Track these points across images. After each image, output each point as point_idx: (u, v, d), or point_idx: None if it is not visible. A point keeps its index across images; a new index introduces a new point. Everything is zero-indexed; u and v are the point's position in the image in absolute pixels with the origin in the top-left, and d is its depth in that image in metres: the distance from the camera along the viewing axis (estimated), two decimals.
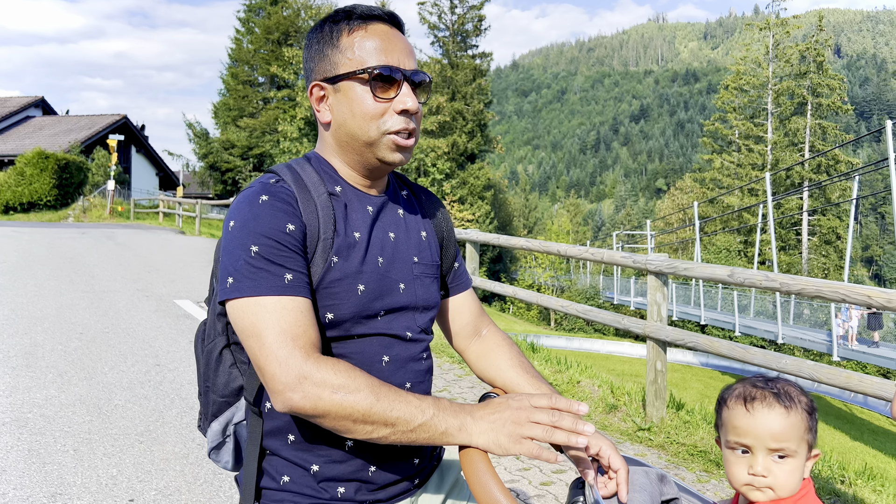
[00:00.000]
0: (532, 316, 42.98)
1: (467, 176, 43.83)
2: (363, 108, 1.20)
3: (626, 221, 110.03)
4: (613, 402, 5.29)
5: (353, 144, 1.23)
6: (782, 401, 1.16)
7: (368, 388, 1.05)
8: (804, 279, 3.89)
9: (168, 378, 5.42)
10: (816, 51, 49.14)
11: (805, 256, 46.58)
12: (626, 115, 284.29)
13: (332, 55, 1.23)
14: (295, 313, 1.10)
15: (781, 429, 1.15)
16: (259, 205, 1.15)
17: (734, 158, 51.01)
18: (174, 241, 17.78)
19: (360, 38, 1.21)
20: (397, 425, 1.05)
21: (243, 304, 1.10)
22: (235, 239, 1.13)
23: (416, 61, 1.27)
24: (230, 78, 45.48)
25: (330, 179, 1.25)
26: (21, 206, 30.11)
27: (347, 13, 1.23)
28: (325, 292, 1.17)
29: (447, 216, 1.47)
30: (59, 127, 38.57)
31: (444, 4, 46.44)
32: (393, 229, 1.30)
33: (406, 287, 1.27)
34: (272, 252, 1.12)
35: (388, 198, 1.33)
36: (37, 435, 4.10)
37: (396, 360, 1.24)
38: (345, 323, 1.19)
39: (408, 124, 1.21)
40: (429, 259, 1.35)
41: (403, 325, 1.26)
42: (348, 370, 1.07)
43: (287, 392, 1.04)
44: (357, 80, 1.20)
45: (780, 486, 1.16)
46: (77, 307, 8.09)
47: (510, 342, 1.46)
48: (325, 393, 1.04)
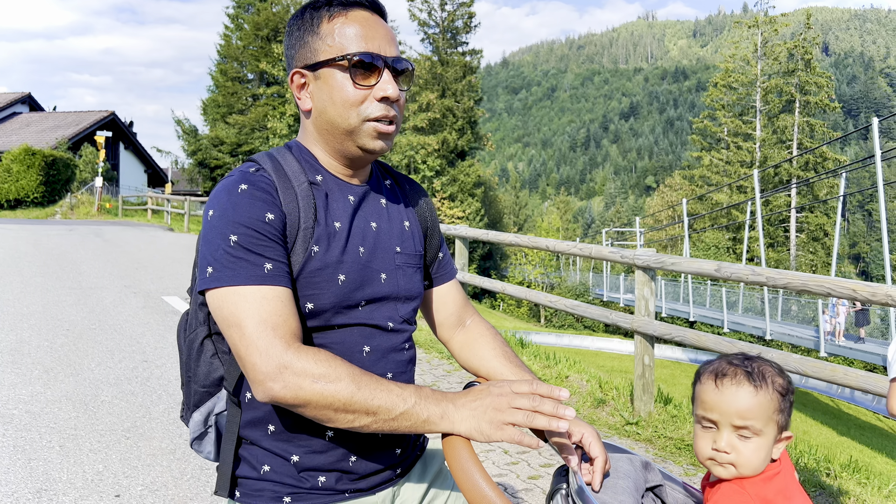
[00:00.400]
0: (522, 313, 43.08)
1: (457, 173, 43.83)
2: (343, 95, 1.19)
3: (615, 219, 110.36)
4: (601, 397, 5.31)
5: (334, 132, 1.22)
6: (753, 379, 1.17)
7: (349, 377, 1.05)
8: (790, 273, 3.92)
9: (155, 374, 5.39)
10: (804, 49, 49.42)
11: (793, 253, 46.89)
12: (616, 112, 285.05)
13: (312, 42, 1.22)
14: (275, 303, 1.09)
15: (748, 407, 1.15)
16: (238, 194, 1.14)
17: (723, 156, 51.25)
18: (162, 237, 17.69)
19: (341, 24, 1.20)
20: (379, 414, 1.05)
21: (223, 294, 1.10)
22: (214, 228, 1.13)
23: (398, 48, 1.26)
24: (219, 74, 45.21)
25: (311, 168, 1.24)
26: (8, 203, 29.86)
27: (328, 0, 1.23)
28: (305, 282, 1.16)
29: (431, 206, 1.46)
30: (46, 123, 38.27)
31: (434, 2, 46.39)
32: (375, 219, 1.29)
33: (388, 277, 1.27)
34: (251, 241, 1.11)
35: (371, 187, 1.31)
36: (22, 431, 4.07)
37: (377, 351, 1.24)
38: (325, 313, 1.18)
39: (388, 111, 1.20)
40: (411, 249, 1.34)
41: (385, 315, 1.26)
42: (329, 359, 1.07)
43: (268, 382, 1.04)
44: (337, 66, 1.19)
45: (742, 464, 1.16)
46: (64, 304, 8.04)
47: (494, 332, 1.46)
48: (305, 382, 1.03)
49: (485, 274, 48.82)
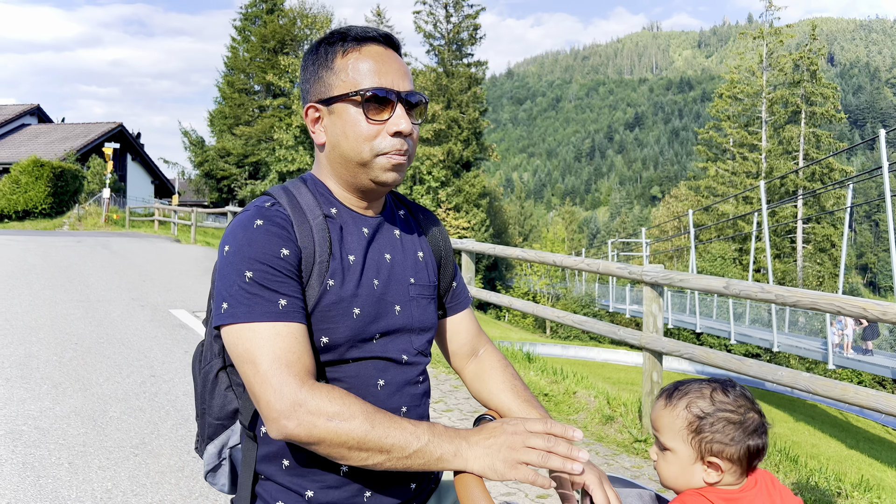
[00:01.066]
0: (527, 324, 42.97)
1: (463, 184, 43.92)
2: (357, 130, 1.20)
3: (621, 229, 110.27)
4: (609, 413, 5.29)
5: (347, 165, 1.23)
6: (669, 397, 1.28)
7: (363, 415, 1.06)
8: (800, 291, 3.91)
9: (163, 389, 5.40)
10: (810, 59, 49.43)
11: (800, 264, 46.72)
12: (621, 122, 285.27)
13: (326, 77, 1.23)
14: (289, 339, 1.10)
15: (657, 419, 1.28)
16: (253, 229, 1.15)
17: (728, 166, 51.21)
18: (169, 249, 17.74)
19: (354, 59, 1.21)
20: (392, 452, 1.05)
21: (238, 330, 1.10)
22: (230, 264, 1.13)
23: (412, 82, 1.27)
24: (226, 86, 45.55)
25: (325, 201, 1.25)
26: (16, 214, 30.01)
27: (342, 35, 1.24)
28: (320, 316, 1.17)
29: (445, 235, 1.46)
30: (54, 135, 38.51)
31: (440, 13, 46.66)
32: (389, 250, 1.29)
33: (402, 309, 1.27)
34: (266, 277, 1.12)
35: (385, 218, 1.32)
36: (31, 447, 4.08)
37: (392, 384, 1.24)
38: (340, 347, 1.19)
39: (401, 146, 1.21)
40: (425, 280, 1.34)
41: (399, 347, 1.26)
42: (343, 397, 1.07)
43: (282, 420, 1.05)
44: (350, 101, 1.20)
45: (661, 475, 1.28)
46: (72, 317, 8.06)
47: (505, 364, 1.46)
48: (319, 421, 1.04)
49: (490, 284, 48.80)
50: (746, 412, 1.23)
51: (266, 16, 44.78)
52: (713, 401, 1.24)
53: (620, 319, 40.07)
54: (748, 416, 1.22)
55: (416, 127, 1.25)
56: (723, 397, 1.24)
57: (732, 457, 1.21)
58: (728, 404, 1.23)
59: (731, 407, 1.23)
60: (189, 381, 5.64)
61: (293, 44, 43.42)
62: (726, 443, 1.21)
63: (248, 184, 42.86)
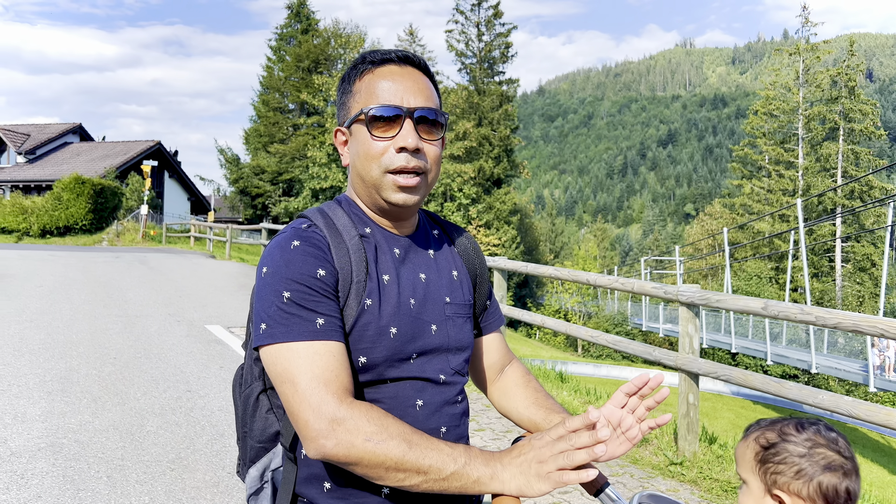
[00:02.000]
0: (559, 342, 42.62)
1: (493, 201, 43.92)
2: (365, 149, 1.22)
3: (654, 247, 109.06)
4: (646, 437, 5.21)
5: (363, 186, 1.25)
6: (747, 430, 1.25)
7: (401, 435, 1.06)
8: (841, 313, 3.82)
9: (199, 404, 5.47)
10: (848, 75, 48.60)
11: (839, 284, 45.65)
12: (654, 139, 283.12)
13: (347, 101, 1.27)
14: (327, 358, 1.10)
15: (736, 451, 1.25)
16: (290, 250, 1.16)
17: (764, 184, 50.42)
18: (205, 265, 18.02)
19: (368, 81, 1.24)
20: (430, 473, 1.05)
21: (276, 350, 1.11)
22: (268, 285, 1.15)
23: (433, 99, 1.26)
24: (261, 105, 46.36)
25: (360, 221, 1.27)
26: (57, 230, 30.82)
27: (363, 58, 1.27)
28: (357, 336, 1.18)
29: (480, 254, 1.47)
30: (95, 153, 39.53)
31: (472, 32, 46.97)
32: (424, 270, 1.30)
33: (438, 328, 1.27)
34: (303, 297, 1.13)
35: (418, 238, 1.33)
36: (71, 461, 4.16)
37: (430, 405, 1.24)
38: (378, 367, 1.19)
39: (408, 162, 1.20)
40: (461, 299, 1.34)
41: (437, 367, 1.26)
42: (381, 417, 1.07)
43: (320, 439, 1.05)
44: (360, 121, 1.23)
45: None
46: (111, 331, 8.23)
47: (528, 378, 1.46)
48: (357, 440, 1.04)
49: (521, 302, 48.56)
50: (815, 447, 1.18)
51: (301, 36, 45.60)
52: (782, 433, 1.21)
53: (654, 339, 39.53)
54: (816, 451, 1.17)
55: (433, 145, 1.24)
56: (793, 431, 1.20)
57: (801, 493, 1.16)
58: (794, 436, 1.19)
59: (796, 439, 1.19)
60: (224, 397, 5.71)
61: (327, 63, 44.07)
62: (791, 476, 1.17)
63: (282, 201, 43.43)
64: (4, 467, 4.00)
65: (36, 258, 16.94)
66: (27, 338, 7.58)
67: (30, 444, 4.40)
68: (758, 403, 25.78)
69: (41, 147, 40.32)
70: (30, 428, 4.71)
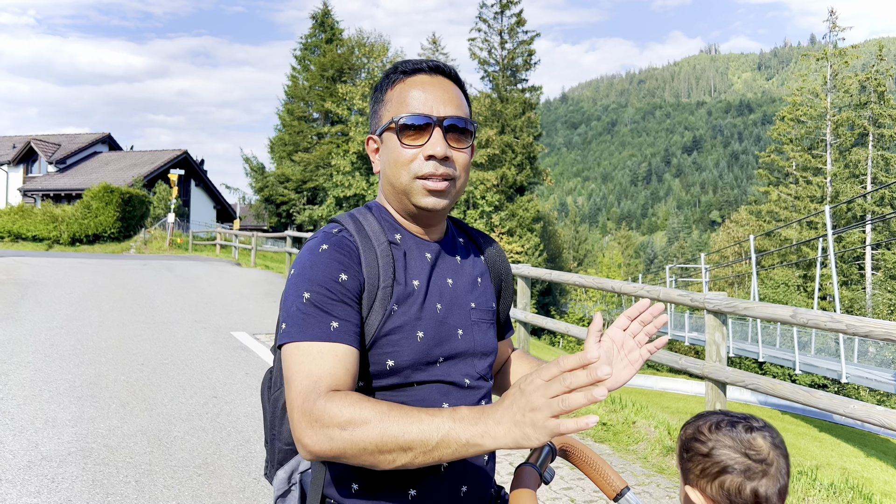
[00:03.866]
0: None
1: (516, 208, 43.84)
2: (395, 156, 1.24)
3: (679, 254, 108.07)
4: (671, 445, 5.16)
5: (393, 192, 1.27)
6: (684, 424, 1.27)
7: (377, 416, 1.01)
8: (872, 321, 3.76)
9: (225, 410, 5.52)
10: (877, 81, 47.84)
11: (869, 292, 44.80)
12: (679, 146, 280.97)
13: (379, 110, 1.30)
14: (329, 357, 1.11)
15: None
16: (318, 253, 1.19)
17: (791, 190, 49.73)
18: (230, 272, 18.21)
19: (399, 90, 1.27)
20: (415, 448, 0.99)
21: (289, 350, 1.13)
22: (293, 286, 1.18)
23: (463, 108, 1.28)
24: (286, 114, 46.85)
25: (390, 227, 1.29)
26: (87, 238, 31.36)
27: (395, 68, 1.30)
28: (385, 340, 1.20)
29: (505, 261, 1.49)
30: (123, 162, 40.22)
31: (495, 40, 47.04)
32: (451, 275, 1.32)
33: (464, 333, 1.29)
34: (322, 299, 1.15)
35: (446, 243, 1.35)
36: (101, 465, 4.22)
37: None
38: (405, 370, 1.21)
39: (436, 169, 1.22)
40: (485, 305, 1.36)
41: (462, 371, 1.28)
42: (356, 402, 1.03)
43: (304, 439, 1.04)
44: (391, 129, 1.26)
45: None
46: (138, 338, 8.34)
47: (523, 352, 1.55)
48: (334, 432, 1.01)
49: (544, 309, 48.34)
50: (720, 448, 1.14)
51: (325, 45, 46.03)
52: (697, 431, 1.19)
53: (679, 347, 39.13)
54: (721, 452, 1.14)
55: (462, 152, 1.26)
56: (706, 431, 1.17)
57: (705, 490, 1.15)
58: (705, 436, 1.17)
59: (706, 438, 1.16)
60: (250, 403, 5.75)
61: (351, 72, 44.41)
62: (697, 473, 1.16)
63: (307, 209, 43.76)
64: (36, 471, 4.07)
65: (66, 266, 17.24)
66: (58, 344, 7.72)
67: (60, 448, 4.48)
68: (786, 413, 25.37)
69: (71, 157, 41.13)
70: (60, 433, 4.79)
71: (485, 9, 47.09)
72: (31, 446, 4.48)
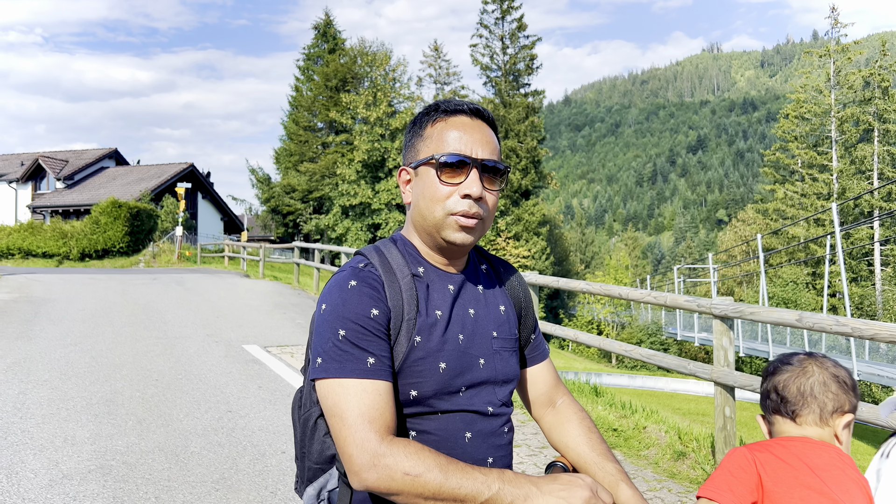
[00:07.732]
0: (592, 352, 42.27)
1: (522, 212, 43.90)
2: (431, 191, 1.31)
3: (686, 254, 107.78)
4: (681, 449, 5.20)
5: (424, 224, 1.34)
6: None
7: (437, 467, 1.13)
8: (878, 324, 3.80)
9: (240, 424, 5.59)
10: (881, 76, 47.68)
11: (879, 288, 44.59)
12: (683, 146, 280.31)
13: (416, 143, 1.37)
14: (374, 396, 1.20)
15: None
16: (348, 290, 1.26)
17: (798, 188, 49.59)
18: (240, 284, 18.32)
19: (441, 128, 1.34)
20: (465, 501, 1.12)
21: (329, 385, 1.21)
22: (326, 322, 1.25)
23: (497, 152, 1.37)
24: (291, 124, 47.12)
25: (413, 260, 1.36)
26: (96, 253, 31.56)
27: (436, 107, 1.38)
28: (408, 370, 1.27)
29: (526, 288, 1.55)
30: (131, 176, 40.47)
31: (496, 45, 47.19)
32: (473, 305, 1.38)
33: (486, 362, 1.35)
34: (357, 336, 1.22)
35: (468, 274, 1.42)
36: (120, 482, 4.29)
37: (479, 436, 1.31)
38: (428, 399, 1.28)
39: (470, 208, 1.30)
40: (507, 333, 1.42)
41: (485, 399, 1.34)
42: (419, 451, 1.15)
43: (363, 473, 1.14)
44: (430, 165, 1.32)
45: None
46: (152, 353, 8.43)
47: (582, 415, 1.52)
48: (396, 474, 1.12)
49: (552, 313, 48.32)
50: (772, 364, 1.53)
51: (328, 55, 46.30)
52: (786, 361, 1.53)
53: (689, 348, 39.02)
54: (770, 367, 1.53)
55: (493, 194, 1.34)
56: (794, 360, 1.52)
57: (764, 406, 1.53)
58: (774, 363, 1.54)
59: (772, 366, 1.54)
60: (264, 417, 5.83)
61: (354, 81, 44.62)
62: (762, 393, 1.54)
63: (313, 218, 43.93)
64: (58, 490, 4.15)
65: (77, 282, 17.39)
66: (73, 361, 7.81)
67: (80, 466, 4.55)
68: None
69: (79, 172, 41.43)
70: (79, 451, 4.87)
71: (486, 15, 47.30)
72: (51, 465, 4.56)
